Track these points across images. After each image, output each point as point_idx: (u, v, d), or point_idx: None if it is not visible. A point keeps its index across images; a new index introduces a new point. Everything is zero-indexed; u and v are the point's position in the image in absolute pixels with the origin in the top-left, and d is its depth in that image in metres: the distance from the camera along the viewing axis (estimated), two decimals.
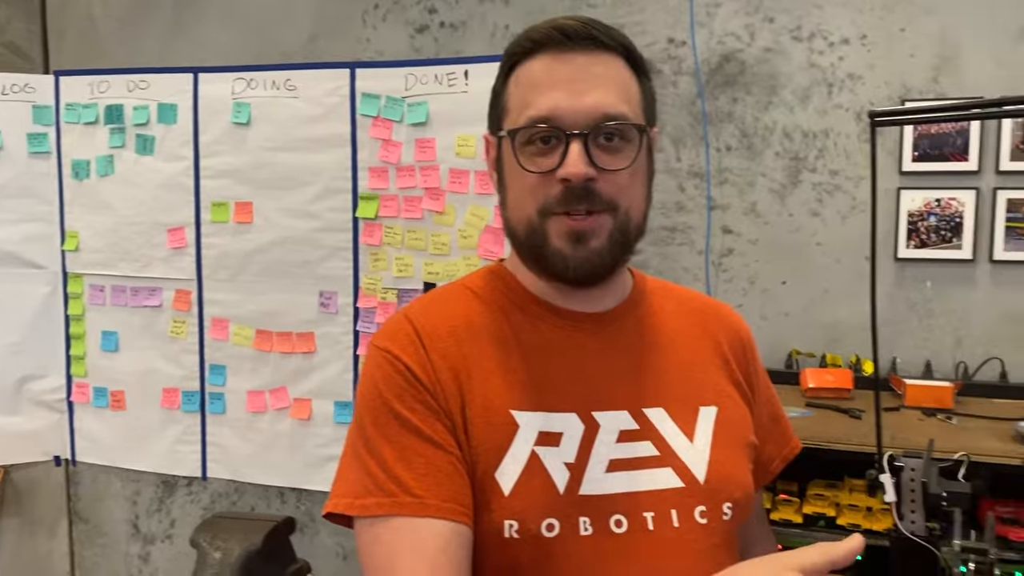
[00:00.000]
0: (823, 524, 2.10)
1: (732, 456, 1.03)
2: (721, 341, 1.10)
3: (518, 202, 0.97)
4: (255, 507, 3.27)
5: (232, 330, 3.09)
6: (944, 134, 2.44)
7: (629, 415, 0.99)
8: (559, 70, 0.94)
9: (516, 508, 0.90)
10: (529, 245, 0.97)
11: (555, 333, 1.00)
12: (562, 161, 0.92)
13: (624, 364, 1.01)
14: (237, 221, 3.04)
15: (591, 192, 0.93)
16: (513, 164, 0.96)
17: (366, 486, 0.91)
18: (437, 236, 2.82)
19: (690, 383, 1.04)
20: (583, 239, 0.94)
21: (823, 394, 2.34)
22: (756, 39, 2.61)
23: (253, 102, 2.99)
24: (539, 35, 0.96)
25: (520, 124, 0.94)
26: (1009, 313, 2.44)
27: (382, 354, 0.97)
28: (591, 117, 0.92)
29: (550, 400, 0.96)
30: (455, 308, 1.02)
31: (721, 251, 2.70)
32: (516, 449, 0.92)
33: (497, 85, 1.01)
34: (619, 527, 0.93)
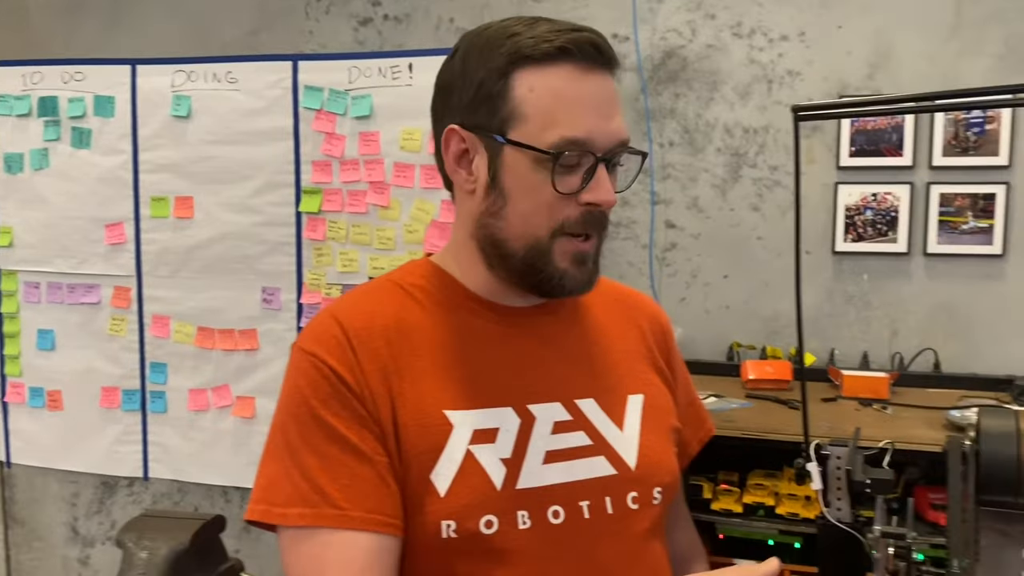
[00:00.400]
0: (763, 513, 2.14)
1: (659, 442, 1.05)
2: (644, 329, 1.13)
3: (526, 219, 0.93)
4: (198, 507, 3.22)
5: (173, 327, 3.03)
6: (880, 130, 2.49)
7: (562, 406, 1.00)
8: (587, 89, 0.91)
9: (452, 508, 0.90)
10: (527, 263, 0.95)
11: (490, 328, 1.00)
12: (586, 184, 0.92)
13: (556, 356, 1.02)
14: (177, 216, 2.98)
15: (605, 217, 0.95)
16: (532, 179, 0.92)
17: (288, 495, 0.90)
18: (382, 231, 2.81)
19: (618, 372, 1.06)
20: (584, 261, 0.96)
21: (763, 386, 2.38)
22: (698, 35, 2.64)
23: (193, 95, 2.94)
24: (570, 45, 0.91)
25: (550, 142, 0.90)
26: (942, 305, 2.50)
27: (308, 358, 0.94)
28: (615, 142, 0.93)
29: (485, 396, 0.96)
30: (385, 305, 0.99)
31: (665, 245, 2.72)
32: (451, 449, 0.92)
33: (492, 82, 0.92)
34: (556, 518, 0.94)
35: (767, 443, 2.03)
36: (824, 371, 2.48)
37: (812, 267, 2.59)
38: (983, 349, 2.48)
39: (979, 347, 2.48)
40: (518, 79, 0.91)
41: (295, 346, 0.97)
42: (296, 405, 0.92)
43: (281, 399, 0.95)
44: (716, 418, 2.13)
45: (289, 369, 0.96)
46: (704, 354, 2.68)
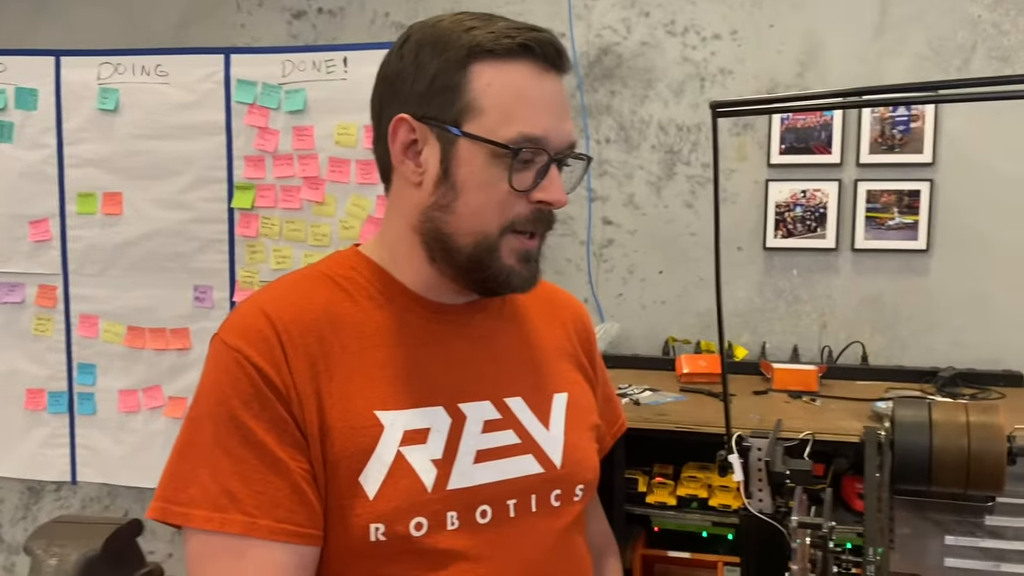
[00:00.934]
0: (696, 505, 2.17)
1: (582, 440, 1.06)
2: (569, 327, 1.13)
3: (476, 213, 0.92)
4: (129, 511, 3.14)
5: (102, 327, 2.95)
6: (809, 128, 2.54)
7: (492, 405, 0.99)
8: (545, 88, 0.91)
9: (382, 511, 0.88)
10: (474, 259, 0.93)
11: (421, 325, 0.98)
12: (538, 183, 0.92)
13: (486, 354, 1.02)
14: (105, 212, 2.91)
15: (553, 216, 0.95)
16: (488, 174, 0.91)
17: (193, 496, 0.86)
18: (317, 227, 2.77)
19: (544, 371, 1.06)
20: (530, 259, 0.96)
21: (697, 379, 2.41)
22: (632, 33, 2.66)
23: (121, 88, 2.86)
24: (529, 41, 0.91)
25: (508, 137, 0.89)
26: (869, 299, 2.57)
27: (231, 354, 0.89)
28: (567, 143, 0.94)
29: (417, 395, 0.94)
30: (315, 298, 0.95)
31: (602, 242, 2.74)
32: (381, 451, 0.90)
33: (450, 74, 0.91)
34: (484, 517, 0.94)
35: (700, 436, 2.06)
36: (756, 364, 2.53)
37: (744, 263, 2.63)
38: (908, 342, 2.55)
39: (905, 340, 2.55)
40: (476, 72, 0.90)
41: (217, 337, 0.92)
42: (215, 403, 0.88)
43: (198, 394, 0.91)
44: (650, 411, 2.16)
45: (209, 362, 0.92)
46: (640, 349, 2.71)
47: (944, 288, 2.51)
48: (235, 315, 0.95)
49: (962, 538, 1.09)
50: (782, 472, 1.05)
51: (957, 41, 2.46)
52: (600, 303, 2.74)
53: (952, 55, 2.46)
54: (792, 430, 1.22)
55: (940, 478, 0.98)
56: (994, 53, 2.44)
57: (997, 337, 2.49)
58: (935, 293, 2.52)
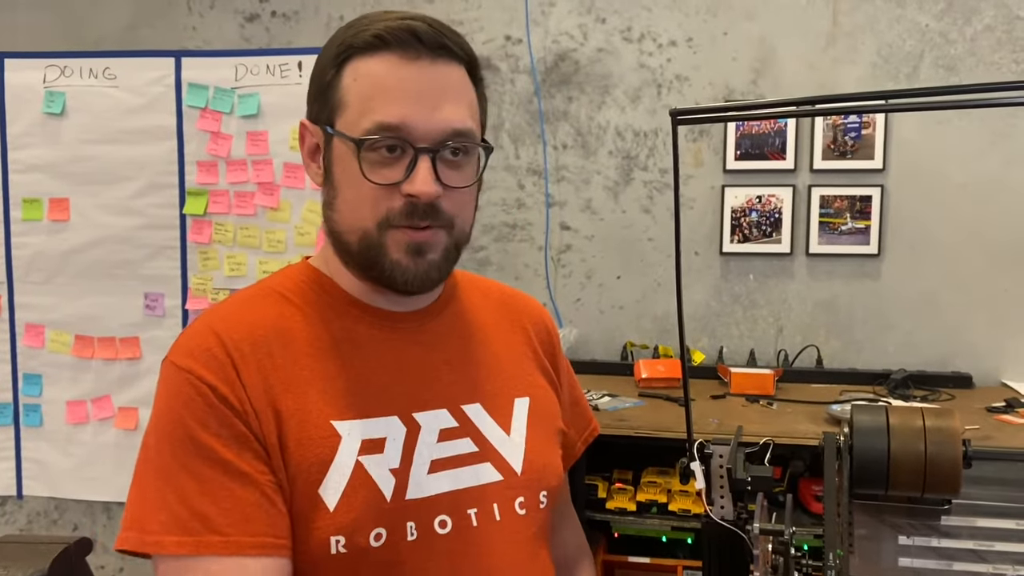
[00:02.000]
0: (656, 511, 2.17)
1: (546, 445, 1.04)
2: (529, 330, 1.12)
3: (353, 210, 0.91)
4: (78, 525, 3.06)
5: (48, 336, 2.87)
6: (764, 134, 2.57)
7: (448, 413, 0.98)
8: (408, 76, 0.88)
9: (342, 522, 0.87)
10: (363, 256, 0.92)
11: (373, 334, 0.97)
12: (408, 175, 0.89)
13: (441, 361, 1.00)
14: (52, 219, 2.83)
15: (435, 208, 0.91)
16: (352, 170, 0.89)
17: (163, 522, 0.84)
18: (272, 233, 2.73)
19: (504, 375, 1.04)
20: (421, 252, 0.92)
21: (655, 384, 2.42)
22: (589, 39, 2.66)
23: (68, 91, 2.79)
24: (387, 33, 0.89)
25: (365, 128, 0.88)
26: (823, 303, 2.60)
27: (182, 375, 0.87)
28: (441, 133, 0.89)
29: (372, 405, 0.93)
30: (265, 314, 0.94)
31: (560, 247, 2.74)
32: (340, 461, 0.88)
33: (327, 73, 0.92)
34: (444, 528, 0.92)
35: (659, 441, 2.07)
36: (714, 369, 2.55)
37: (700, 267, 2.65)
38: (862, 345, 2.59)
39: (859, 343, 2.59)
40: (346, 69, 0.91)
41: (167, 361, 0.90)
42: (170, 425, 0.86)
43: (153, 419, 0.89)
44: (609, 417, 2.17)
45: (161, 386, 0.90)
46: (598, 354, 2.72)
47: (895, 292, 2.56)
48: (184, 337, 0.93)
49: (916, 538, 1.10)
50: (744, 479, 1.05)
51: (906, 50, 2.51)
52: (558, 308, 2.74)
53: (901, 63, 2.51)
54: (751, 435, 1.22)
55: (898, 482, 0.99)
56: (941, 62, 2.50)
57: (946, 339, 2.54)
58: (887, 297, 2.57)
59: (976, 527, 1.10)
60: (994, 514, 1.10)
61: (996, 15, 2.47)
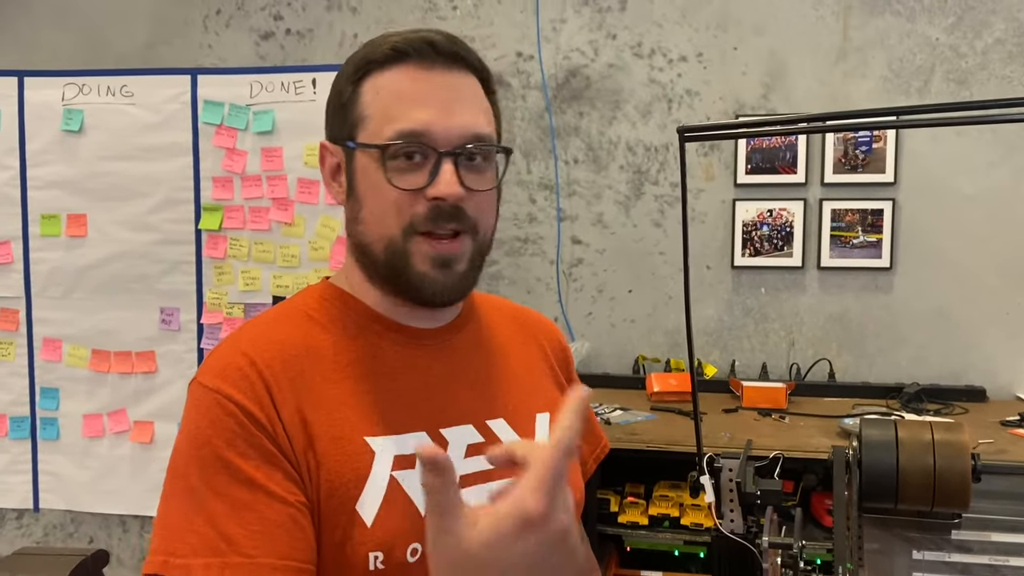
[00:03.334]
0: (668, 524, 2.17)
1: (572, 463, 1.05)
2: (545, 347, 1.13)
3: (378, 219, 0.92)
4: (94, 538, 3.08)
5: (66, 350, 2.90)
6: (775, 148, 2.58)
7: (474, 428, 0.98)
8: (426, 84, 0.91)
9: (380, 538, 0.87)
10: (389, 266, 0.93)
11: (398, 350, 0.97)
12: (432, 180, 0.90)
13: (465, 377, 1.01)
14: (70, 235, 2.86)
15: (459, 211, 0.92)
16: (376, 178, 0.90)
17: (192, 544, 0.83)
18: (286, 248, 2.75)
19: (524, 391, 1.05)
20: (448, 264, 0.93)
21: (667, 398, 2.43)
22: (600, 55, 2.68)
23: (86, 109, 2.83)
24: (404, 45, 0.91)
25: (387, 137, 0.89)
26: (835, 316, 2.60)
27: (210, 395, 0.87)
28: (462, 137, 0.91)
29: (401, 421, 0.93)
30: (293, 334, 0.94)
31: (571, 261, 2.75)
32: (375, 477, 0.89)
33: (345, 91, 0.94)
34: None
35: (671, 455, 2.07)
36: (726, 382, 2.55)
37: (712, 281, 2.65)
38: (874, 358, 2.59)
39: (870, 357, 2.59)
40: (366, 85, 0.92)
41: (195, 383, 0.90)
42: (197, 447, 0.85)
43: (179, 441, 0.88)
44: (621, 431, 2.17)
45: (188, 408, 0.88)
46: (610, 367, 2.72)
47: (908, 305, 2.56)
48: (212, 359, 0.92)
49: (929, 553, 1.10)
50: (753, 493, 1.06)
51: (916, 64, 2.52)
52: (570, 322, 2.75)
53: (912, 77, 2.52)
54: (762, 448, 1.23)
55: (907, 496, 0.99)
56: (952, 75, 2.50)
57: (960, 353, 2.53)
58: (899, 310, 2.56)
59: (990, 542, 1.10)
60: (1007, 528, 1.10)
61: (1007, 28, 2.47)
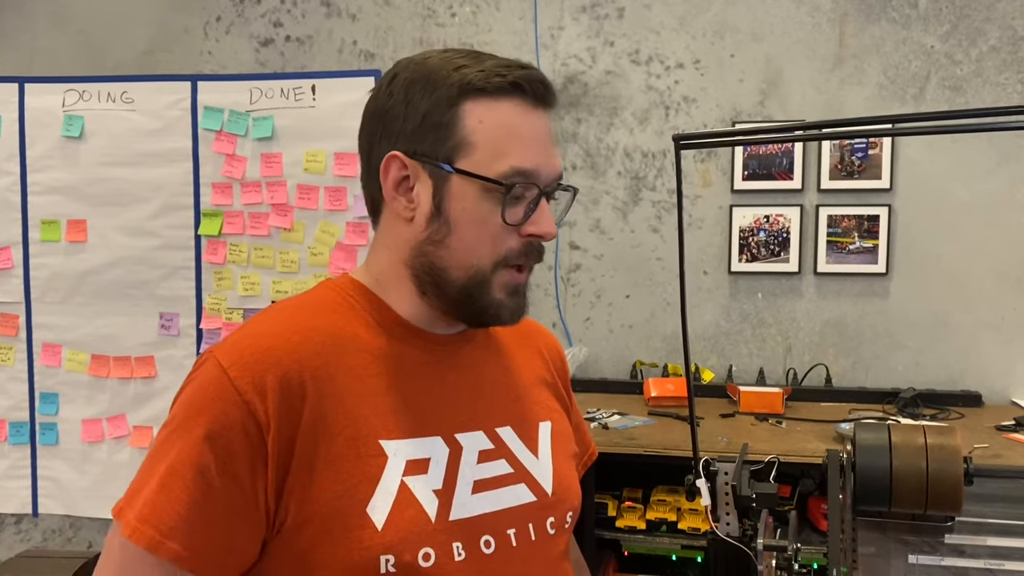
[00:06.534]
0: (665, 529, 2.18)
1: (568, 468, 1.08)
2: (545, 355, 1.15)
3: (470, 247, 0.93)
4: (92, 543, 3.09)
5: (65, 355, 2.91)
6: (771, 155, 2.60)
7: (485, 435, 1.00)
8: (534, 123, 0.94)
9: (391, 541, 0.88)
10: (465, 292, 0.95)
11: (417, 356, 0.99)
12: (529, 216, 0.93)
13: (476, 384, 1.03)
14: (70, 240, 2.88)
15: (543, 249, 0.97)
16: (481, 209, 0.92)
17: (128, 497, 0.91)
18: (285, 253, 2.77)
19: (528, 400, 1.08)
20: (519, 292, 0.97)
21: (665, 403, 2.44)
22: (598, 62, 2.70)
23: (87, 115, 2.84)
24: (520, 79, 0.93)
25: (499, 171, 0.91)
26: (831, 322, 2.61)
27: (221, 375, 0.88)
28: (555, 176, 0.96)
29: (416, 425, 0.95)
30: (319, 322, 0.95)
31: (570, 266, 2.77)
32: (387, 481, 0.90)
33: (438, 110, 0.93)
34: (488, 548, 0.94)
35: (669, 459, 2.07)
36: (723, 387, 2.56)
37: (710, 287, 2.67)
38: (870, 364, 2.60)
39: (867, 362, 2.60)
40: (467, 110, 0.92)
41: (213, 356, 0.90)
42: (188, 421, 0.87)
43: (176, 403, 0.90)
44: (619, 435, 2.18)
45: (199, 377, 0.90)
46: (608, 372, 2.73)
47: (904, 311, 2.57)
48: (236, 336, 0.93)
49: (924, 556, 1.11)
50: (748, 496, 1.07)
51: (912, 71, 2.54)
52: (568, 327, 2.76)
53: (907, 84, 2.54)
54: (758, 453, 1.24)
55: (900, 499, 1.01)
56: (947, 82, 2.52)
57: (955, 358, 2.55)
58: (895, 316, 2.58)
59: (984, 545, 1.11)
60: (1001, 532, 1.11)
61: (1001, 36, 2.49)
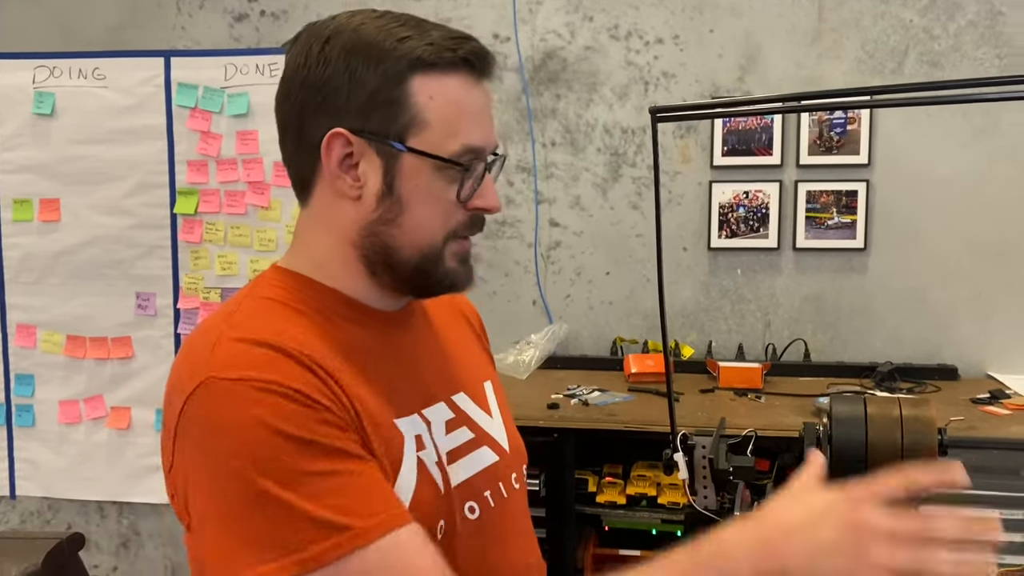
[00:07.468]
0: (645, 504, 2.20)
1: (512, 422, 1.11)
2: (469, 317, 1.18)
3: (421, 225, 0.92)
4: (72, 524, 3.07)
5: (40, 337, 2.88)
6: (750, 130, 2.59)
7: (445, 405, 1.01)
8: (479, 98, 0.94)
9: (418, 519, 0.86)
10: (419, 269, 0.94)
11: (374, 336, 0.97)
12: (476, 190, 0.93)
13: (427, 356, 1.03)
14: (43, 219, 2.84)
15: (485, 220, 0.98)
16: (435, 187, 0.91)
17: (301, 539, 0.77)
18: (263, 232, 2.74)
19: (470, 362, 1.10)
20: (467, 259, 0.98)
21: (644, 379, 2.44)
22: (576, 37, 2.68)
23: (58, 92, 2.80)
24: (468, 54, 0.91)
25: (454, 151, 0.90)
26: (810, 297, 2.63)
27: (255, 386, 0.81)
28: (494, 149, 0.96)
29: (399, 404, 0.94)
30: (286, 322, 0.90)
31: (549, 244, 2.76)
32: (408, 460, 0.90)
33: (387, 86, 0.89)
34: (473, 513, 0.96)
35: (649, 435, 2.08)
36: (703, 363, 2.57)
37: (689, 263, 2.67)
38: (849, 338, 2.61)
39: (845, 337, 2.62)
40: (416, 85, 0.89)
41: (216, 379, 0.82)
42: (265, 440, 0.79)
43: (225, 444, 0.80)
44: (599, 412, 2.19)
45: (222, 407, 0.81)
46: (588, 349, 2.74)
47: (882, 285, 2.58)
48: (222, 355, 0.85)
49: None
50: (725, 469, 1.07)
51: (890, 45, 2.53)
52: (548, 305, 2.76)
53: (886, 59, 2.54)
54: (736, 427, 1.25)
55: (876, 470, 1.01)
56: (925, 57, 2.52)
57: (932, 332, 2.57)
58: (873, 290, 2.59)
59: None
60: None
61: (979, 11, 2.49)
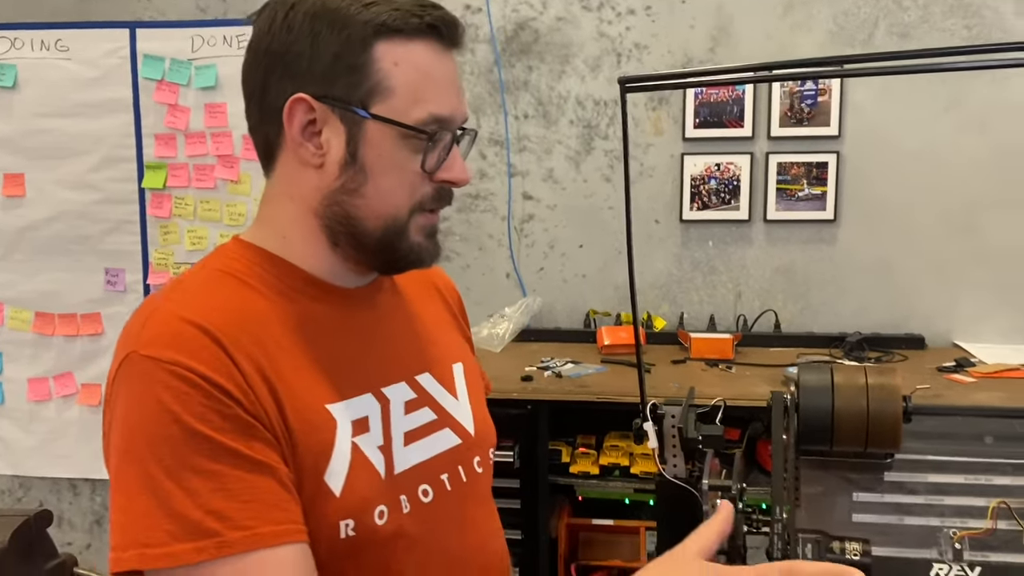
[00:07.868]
0: (618, 474, 2.22)
1: (483, 405, 1.10)
2: (446, 297, 1.16)
3: (386, 197, 0.90)
4: (44, 502, 3.05)
5: (7, 314, 2.85)
6: (722, 102, 2.60)
7: (407, 385, 1.00)
8: (446, 66, 0.91)
9: (350, 505, 0.87)
10: (383, 242, 0.92)
11: (334, 313, 0.95)
12: (443, 161, 0.92)
13: (392, 334, 1.02)
14: (7, 195, 2.79)
15: (453, 194, 0.96)
16: (399, 157, 0.89)
17: (171, 532, 0.77)
18: (233, 206, 2.71)
19: (440, 343, 1.08)
20: (434, 233, 0.96)
21: (617, 351, 2.46)
22: (548, 8, 2.66)
23: (19, 63, 2.74)
24: (435, 21, 0.89)
25: (419, 119, 0.88)
26: (781, 268, 2.65)
27: (167, 368, 0.79)
28: (463, 120, 0.94)
29: (349, 385, 0.93)
30: (232, 298, 0.89)
31: (522, 217, 2.76)
32: (340, 445, 0.88)
33: (350, 51, 0.87)
34: (426, 496, 0.95)
35: (621, 406, 2.11)
36: (675, 334, 2.59)
37: (661, 235, 2.68)
38: (818, 309, 2.65)
39: (815, 307, 2.65)
40: (381, 51, 0.87)
41: (136, 356, 0.81)
42: (163, 425, 0.78)
43: (131, 420, 0.80)
44: (572, 383, 2.20)
45: (135, 384, 0.81)
46: (562, 322, 2.75)
47: (851, 256, 2.61)
48: (153, 328, 0.84)
49: (866, 494, 1.14)
50: (694, 438, 1.09)
51: (861, 17, 2.54)
52: (522, 278, 2.76)
53: (857, 30, 2.54)
54: (707, 397, 1.26)
55: (842, 438, 1.03)
56: (895, 28, 2.53)
57: (900, 302, 2.60)
58: (843, 261, 2.62)
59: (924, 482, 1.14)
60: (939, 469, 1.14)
61: None
